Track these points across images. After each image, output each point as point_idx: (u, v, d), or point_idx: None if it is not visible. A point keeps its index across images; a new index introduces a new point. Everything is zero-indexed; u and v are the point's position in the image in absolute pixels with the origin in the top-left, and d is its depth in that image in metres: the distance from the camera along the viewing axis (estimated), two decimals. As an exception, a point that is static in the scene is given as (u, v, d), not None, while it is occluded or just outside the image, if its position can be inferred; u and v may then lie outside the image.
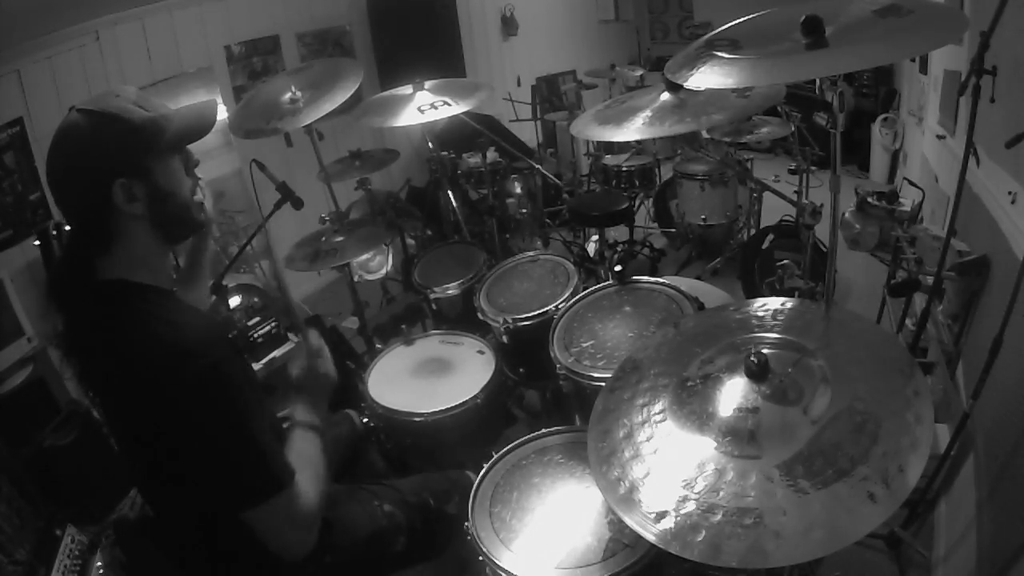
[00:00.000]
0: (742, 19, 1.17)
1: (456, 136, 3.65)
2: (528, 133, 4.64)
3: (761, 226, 3.36)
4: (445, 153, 3.47)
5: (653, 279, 1.71)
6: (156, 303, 1.02)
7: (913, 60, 3.60)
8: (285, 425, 1.15)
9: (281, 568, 1.01)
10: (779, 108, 3.08)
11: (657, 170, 3.69)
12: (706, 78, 1.03)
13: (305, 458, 1.07)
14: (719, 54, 1.06)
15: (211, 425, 0.92)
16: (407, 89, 2.19)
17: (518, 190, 3.73)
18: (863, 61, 0.97)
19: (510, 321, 1.81)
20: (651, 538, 0.80)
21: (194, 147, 1.12)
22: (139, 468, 1.06)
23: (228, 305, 2.51)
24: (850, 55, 0.95)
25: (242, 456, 0.94)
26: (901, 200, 2.54)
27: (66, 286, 1.04)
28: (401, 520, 1.29)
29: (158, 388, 0.91)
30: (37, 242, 2.38)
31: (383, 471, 1.61)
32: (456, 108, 2.04)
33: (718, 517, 0.79)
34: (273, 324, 2.62)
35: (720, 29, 1.16)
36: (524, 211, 3.75)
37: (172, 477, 1.00)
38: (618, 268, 1.72)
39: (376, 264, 3.27)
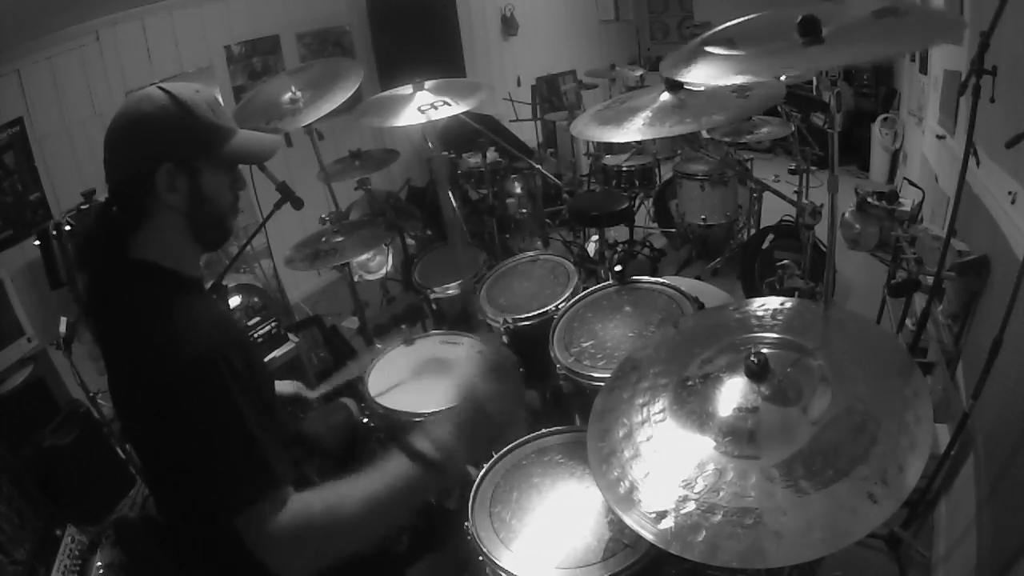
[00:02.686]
0: (739, 20, 1.17)
1: (456, 136, 3.65)
2: (528, 133, 4.64)
3: (761, 226, 3.36)
4: (445, 153, 3.47)
5: (653, 279, 1.71)
6: (177, 290, 1.02)
7: (913, 60, 3.60)
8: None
9: None
10: (779, 108, 3.09)
11: (657, 170, 3.69)
12: (702, 72, 1.04)
13: (362, 486, 0.93)
14: (715, 51, 1.06)
15: (194, 418, 0.90)
16: (407, 89, 2.18)
17: (518, 190, 3.73)
18: (857, 55, 0.97)
19: (510, 321, 1.81)
20: (651, 538, 0.80)
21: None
22: (136, 453, 1.05)
23: (228, 305, 2.51)
24: (844, 50, 0.95)
25: (221, 456, 0.90)
26: (901, 200, 2.54)
27: (96, 254, 1.05)
28: (404, 519, 1.29)
29: (152, 373, 0.91)
30: (37, 242, 2.38)
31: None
32: (456, 108, 2.04)
33: (718, 517, 0.79)
34: (273, 324, 2.62)
35: (717, 29, 1.16)
36: (524, 211, 3.75)
37: (158, 463, 0.99)
38: (618, 268, 1.72)
39: (376, 264, 3.27)
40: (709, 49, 1.06)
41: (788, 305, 1.11)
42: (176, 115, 1.00)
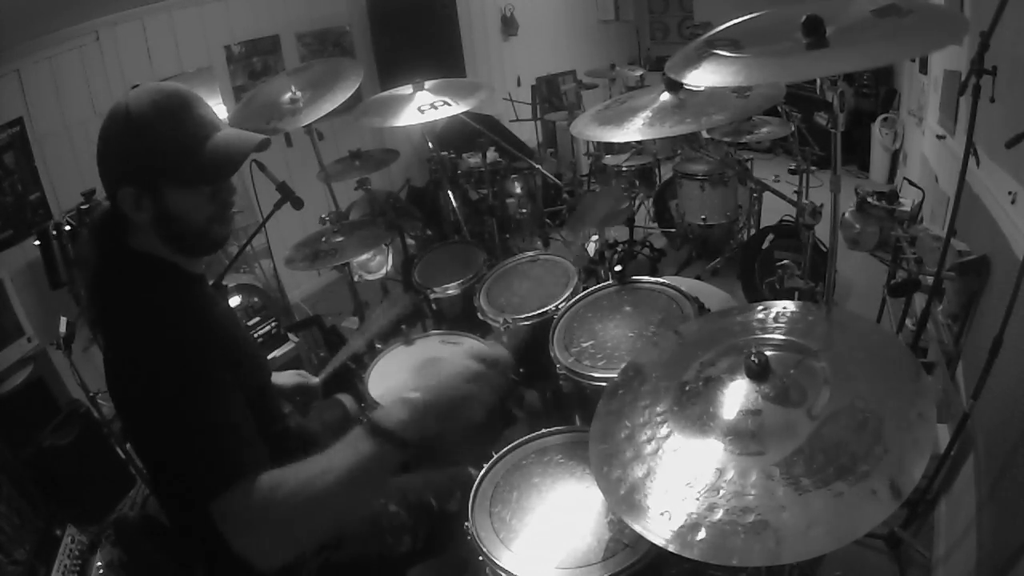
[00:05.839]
0: (742, 19, 1.17)
1: (456, 136, 3.65)
2: (528, 133, 4.64)
3: (761, 226, 3.36)
4: (445, 153, 3.47)
5: (653, 279, 1.71)
6: (172, 281, 1.03)
7: (913, 60, 3.60)
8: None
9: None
10: (779, 108, 3.08)
11: (657, 170, 3.69)
12: (706, 76, 1.04)
13: (325, 464, 0.90)
14: (720, 52, 1.06)
15: (171, 404, 0.89)
16: (407, 89, 2.19)
17: (518, 190, 3.73)
18: (863, 61, 0.97)
19: (510, 321, 1.81)
20: (652, 538, 0.80)
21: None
22: (130, 442, 1.06)
23: (228, 305, 2.51)
24: (850, 55, 0.95)
25: (194, 443, 0.88)
26: (901, 200, 2.53)
27: (100, 240, 1.04)
28: (405, 520, 1.29)
29: (135, 359, 0.92)
30: (37, 242, 2.38)
31: None
32: (456, 108, 2.04)
33: (718, 516, 0.78)
34: (273, 324, 2.62)
35: (720, 28, 1.16)
36: (524, 211, 3.74)
37: (144, 448, 1.00)
38: (618, 268, 1.72)
39: (376, 264, 3.27)
40: (715, 52, 1.06)
41: (790, 308, 1.10)
42: (129, 137, 0.95)
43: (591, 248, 3.37)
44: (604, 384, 1.35)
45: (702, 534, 0.77)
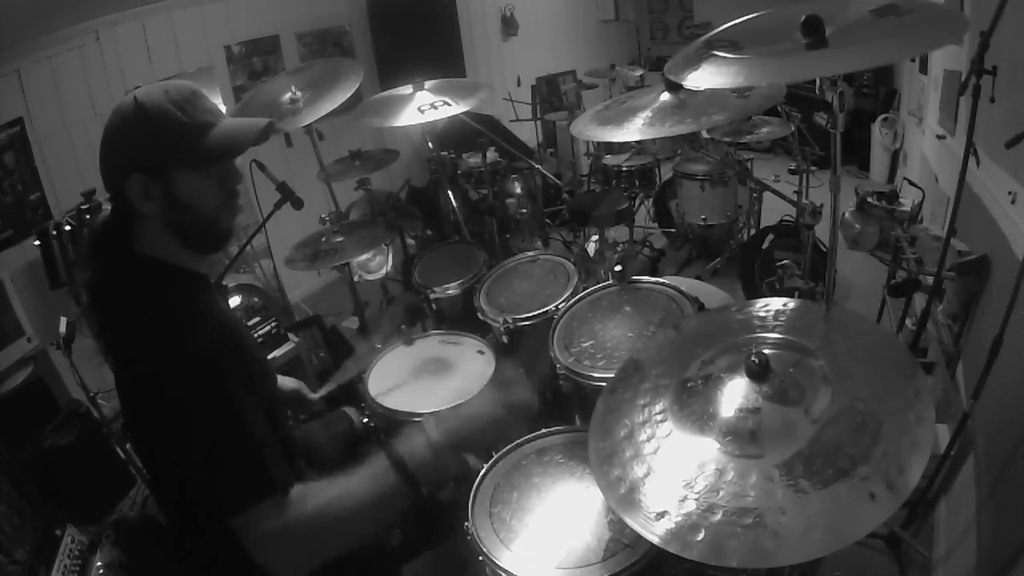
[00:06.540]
0: (742, 19, 1.17)
1: (456, 136, 3.65)
2: (528, 133, 4.64)
3: (761, 226, 3.36)
4: (445, 153, 3.47)
5: (653, 279, 1.71)
6: (180, 287, 1.03)
7: (913, 60, 3.60)
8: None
9: None
10: (779, 108, 3.08)
11: (657, 170, 3.69)
12: (706, 77, 1.04)
13: (346, 488, 0.94)
14: (719, 54, 1.06)
15: (194, 417, 0.90)
16: (407, 89, 2.19)
17: (518, 190, 3.73)
18: (863, 61, 0.97)
19: (510, 321, 1.81)
20: (651, 538, 0.80)
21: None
22: (136, 449, 1.05)
23: (228, 305, 2.51)
24: (849, 55, 0.95)
25: (220, 457, 0.90)
26: (901, 200, 2.53)
27: (103, 248, 1.04)
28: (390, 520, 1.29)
29: (152, 371, 0.91)
30: (37, 242, 2.38)
31: None
32: (456, 108, 2.04)
33: (718, 517, 0.78)
34: (273, 324, 2.62)
35: (719, 29, 1.16)
36: (524, 211, 3.75)
37: (158, 460, 1.00)
38: (618, 268, 1.72)
39: (376, 264, 3.27)
40: (715, 53, 1.06)
41: (790, 306, 1.11)
42: (139, 123, 0.96)
43: (591, 248, 3.38)
44: (604, 384, 1.35)
45: (701, 535, 0.77)
